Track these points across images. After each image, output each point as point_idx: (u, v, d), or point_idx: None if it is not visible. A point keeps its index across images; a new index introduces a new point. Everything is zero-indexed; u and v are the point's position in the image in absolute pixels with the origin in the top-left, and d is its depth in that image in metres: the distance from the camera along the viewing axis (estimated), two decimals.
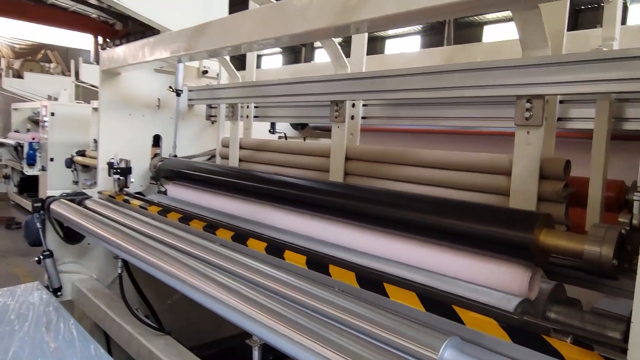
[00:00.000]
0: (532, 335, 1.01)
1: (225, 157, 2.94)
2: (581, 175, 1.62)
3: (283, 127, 3.49)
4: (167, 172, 2.67)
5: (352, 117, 2.29)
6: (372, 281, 1.29)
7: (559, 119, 1.70)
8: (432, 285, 1.27)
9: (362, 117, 2.31)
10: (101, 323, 2.33)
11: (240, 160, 2.86)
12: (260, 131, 3.11)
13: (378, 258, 1.43)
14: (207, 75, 3.20)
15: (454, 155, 1.92)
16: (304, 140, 4.06)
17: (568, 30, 1.69)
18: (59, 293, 2.58)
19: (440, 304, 1.14)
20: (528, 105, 1.57)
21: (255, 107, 2.91)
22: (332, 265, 1.41)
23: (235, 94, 2.79)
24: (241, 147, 2.86)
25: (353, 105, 2.28)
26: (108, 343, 2.32)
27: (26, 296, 2.20)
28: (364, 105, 2.30)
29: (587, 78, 1.39)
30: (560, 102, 1.69)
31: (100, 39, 24.11)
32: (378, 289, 1.26)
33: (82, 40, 23.93)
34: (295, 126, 3.95)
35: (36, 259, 2.56)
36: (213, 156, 3.13)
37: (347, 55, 2.32)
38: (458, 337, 0.97)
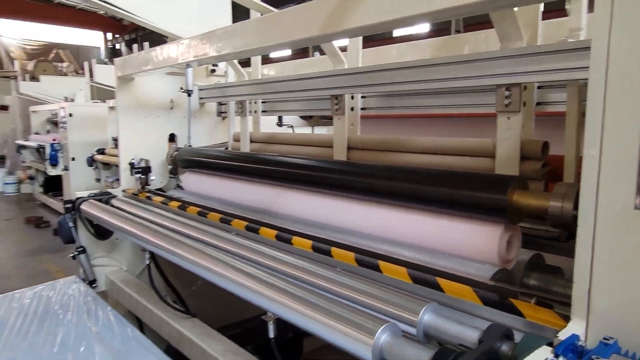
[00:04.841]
0: (502, 298, 1.18)
1: (236, 150, 3.14)
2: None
3: (290, 119, 3.66)
4: (183, 160, 2.89)
5: (352, 109, 2.46)
6: (368, 261, 1.47)
7: (538, 104, 1.85)
8: (420, 260, 1.45)
9: (361, 108, 2.47)
10: (134, 310, 2.57)
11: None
12: (268, 124, 3.28)
13: (373, 237, 1.61)
14: (215, 73, 3.38)
15: (445, 141, 2.08)
16: (312, 129, 4.24)
17: (557, 10, 1.80)
18: (94, 285, 2.83)
19: (425, 278, 1.31)
20: (507, 93, 1.71)
21: (262, 102, 3.09)
22: (334, 248, 1.60)
23: (243, 91, 2.96)
24: (251, 141, 3.05)
25: (352, 97, 2.44)
26: (141, 327, 2.56)
27: (66, 289, 2.45)
28: (362, 97, 2.46)
29: (556, 67, 1.53)
30: (539, 87, 1.83)
31: (109, 35, 24.39)
32: (373, 267, 1.44)
33: (92, 38, 24.18)
34: (303, 116, 4.12)
35: (71, 255, 2.81)
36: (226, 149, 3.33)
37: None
38: (436, 303, 1.15)
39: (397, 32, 13.69)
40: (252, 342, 2.57)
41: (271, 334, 1.52)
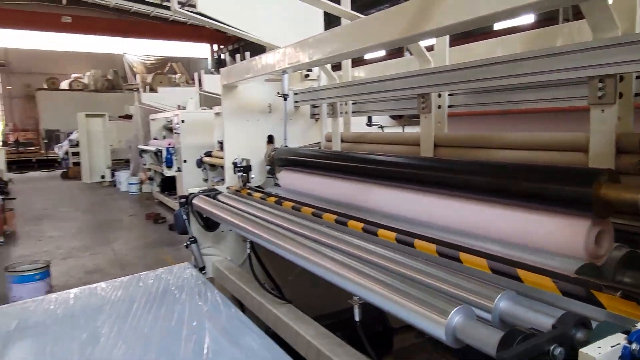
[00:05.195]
0: (584, 291, 1.19)
1: (328, 149, 3.31)
2: None
3: (380, 119, 3.76)
4: (279, 159, 3.13)
5: (439, 107, 2.49)
6: (448, 252, 1.53)
7: (638, 94, 1.75)
8: (503, 253, 1.47)
9: (449, 106, 2.50)
10: (237, 294, 2.85)
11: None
12: (358, 125, 3.42)
13: (456, 231, 1.66)
14: (309, 78, 3.59)
15: (535, 136, 2.04)
16: (403, 128, 4.29)
17: None
18: (203, 271, 3.17)
19: (504, 269, 1.35)
20: (600, 84, 1.66)
21: (353, 103, 3.23)
22: (417, 240, 1.67)
23: (334, 93, 3.12)
24: (342, 141, 3.20)
25: (439, 95, 2.48)
26: (242, 309, 2.82)
27: (180, 273, 2.79)
28: (449, 94, 2.48)
29: None
30: (637, 77, 1.73)
31: (215, 47, 26.26)
32: (454, 258, 1.50)
33: (200, 50, 26.09)
34: (393, 116, 4.19)
35: (185, 244, 3.18)
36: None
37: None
38: (513, 291, 1.19)
39: (498, 25, 13.06)
40: (342, 332, 2.72)
41: (357, 317, 1.64)
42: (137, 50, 24.61)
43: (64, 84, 20.82)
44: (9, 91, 21.66)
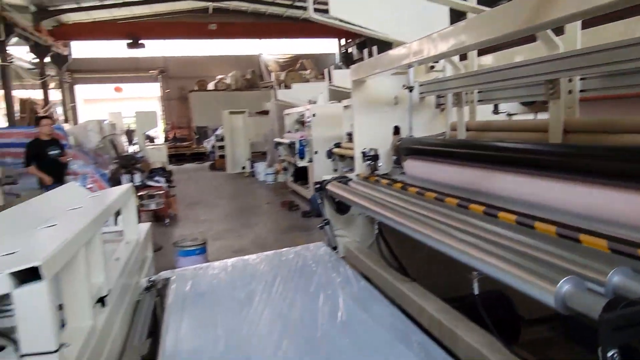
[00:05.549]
0: None
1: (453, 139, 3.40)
2: None
3: (507, 106, 3.69)
4: (405, 149, 3.31)
5: (570, 92, 2.45)
6: (568, 234, 1.59)
7: None
8: (629, 236, 1.50)
9: (580, 91, 2.44)
10: (366, 272, 3.12)
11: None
12: (484, 113, 3.43)
13: (579, 215, 1.70)
14: (434, 69, 3.70)
15: None
16: (535, 115, 4.13)
17: None
18: (335, 251, 3.50)
19: (625, 249, 1.39)
20: None
21: (478, 92, 3.26)
22: (537, 222, 1.75)
23: (459, 83, 3.19)
24: (467, 129, 3.27)
25: (570, 80, 2.43)
26: None
27: (316, 250, 3.15)
28: (581, 78, 2.42)
29: None
30: None
31: (342, 41, 26.94)
32: (574, 239, 1.56)
33: (328, 46, 26.91)
34: (524, 103, 4.06)
35: (319, 226, 3.55)
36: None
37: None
38: (629, 268, 1.24)
39: None
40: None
41: (475, 291, 1.78)
42: (272, 50, 26.34)
43: (211, 85, 23.24)
44: (167, 94, 24.85)
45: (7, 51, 14.88)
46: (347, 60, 23.48)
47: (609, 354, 0.98)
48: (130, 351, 1.97)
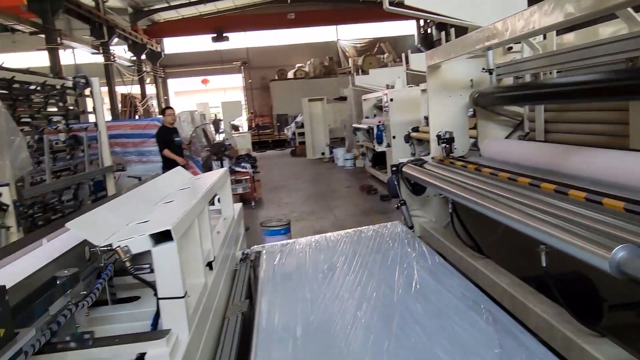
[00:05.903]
0: None
1: (531, 119, 3.40)
2: None
3: None
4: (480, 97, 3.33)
5: None
6: (638, 209, 1.66)
7: None
8: None
9: None
10: (440, 250, 3.26)
11: (545, 121, 3.26)
12: None
13: None
14: (512, 51, 3.69)
15: None
16: None
17: None
18: (412, 230, 3.67)
19: None
20: None
21: (557, 72, 3.23)
22: (606, 198, 1.82)
23: (537, 64, 3.19)
24: (546, 110, 3.26)
25: None
26: None
27: (393, 228, 3.34)
28: None
29: None
30: None
31: (421, 21, 26.31)
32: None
33: (406, 27, 26.39)
34: None
35: (396, 206, 3.73)
36: (521, 122, 3.62)
37: None
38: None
39: None
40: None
41: (543, 263, 1.89)
42: (349, 35, 26.39)
43: (290, 74, 23.90)
44: (250, 84, 25.95)
45: (111, 51, 16.45)
46: (426, 41, 22.92)
47: None
48: (232, 307, 2.32)
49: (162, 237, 1.55)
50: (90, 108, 7.09)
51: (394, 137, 9.21)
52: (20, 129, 4.72)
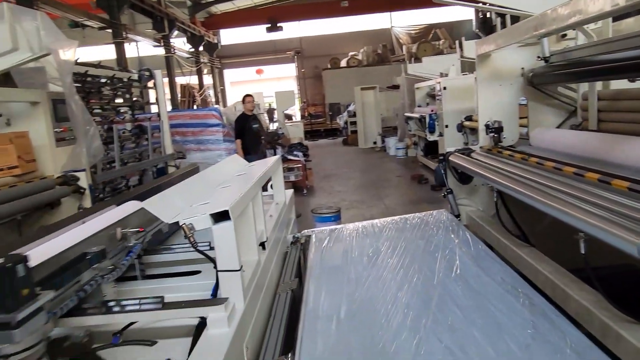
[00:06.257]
0: None
1: (584, 109, 3.34)
2: None
3: None
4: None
5: None
6: None
7: None
8: None
9: None
10: (486, 238, 3.30)
11: (599, 110, 3.20)
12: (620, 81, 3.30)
13: None
14: (566, 38, 3.61)
15: None
16: None
17: None
18: (458, 218, 3.72)
19: None
20: None
21: None
22: None
23: (591, 52, 3.13)
24: (599, 99, 3.19)
25: None
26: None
27: (438, 216, 3.41)
28: None
29: None
30: None
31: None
32: None
33: (464, 12, 25.58)
34: None
35: (442, 194, 3.79)
36: (574, 111, 3.56)
37: None
38: None
39: None
40: None
41: (582, 250, 1.93)
42: (403, 22, 25.98)
43: (343, 62, 23.92)
44: (303, 73, 26.23)
45: (171, 43, 17.22)
46: (485, 26, 22.13)
47: None
48: (283, 285, 2.51)
49: (221, 216, 1.75)
50: (153, 99, 7.56)
51: (446, 126, 9.11)
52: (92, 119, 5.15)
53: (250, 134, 8.11)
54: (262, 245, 2.40)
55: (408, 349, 1.70)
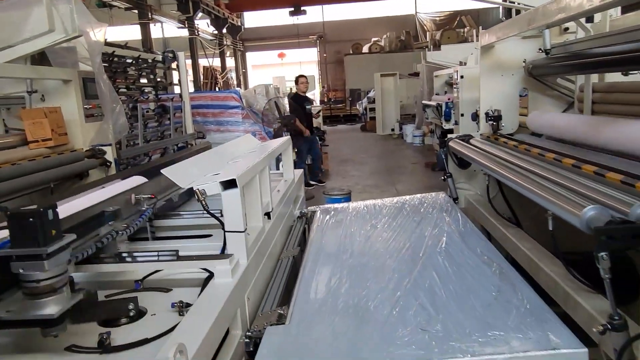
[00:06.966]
0: None
1: (581, 100, 3.49)
2: None
3: None
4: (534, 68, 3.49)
5: None
6: (628, 181, 1.87)
7: None
8: None
9: None
10: (480, 220, 3.52)
11: (593, 102, 3.36)
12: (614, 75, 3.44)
13: None
14: (568, 31, 3.75)
15: None
16: None
17: None
18: (456, 201, 3.93)
19: None
20: None
21: None
22: (610, 172, 2.03)
23: (589, 45, 3.27)
24: (594, 91, 3.35)
25: None
26: (489, 238, 3.48)
27: (436, 197, 3.63)
28: None
29: None
30: None
31: None
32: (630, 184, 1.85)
33: None
34: None
35: (442, 178, 4.00)
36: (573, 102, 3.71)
37: None
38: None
39: None
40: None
41: (550, 227, 2.14)
42: (428, 8, 25.73)
43: (365, 48, 23.91)
44: (324, 58, 26.33)
45: (195, 25, 17.52)
46: (511, 14, 21.80)
47: (600, 254, 1.37)
48: (286, 252, 2.79)
49: (230, 184, 2.02)
50: (176, 80, 7.86)
51: (462, 115, 9.17)
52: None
53: (304, 115, 8.33)
54: (268, 215, 2.67)
55: (387, 304, 1.96)
